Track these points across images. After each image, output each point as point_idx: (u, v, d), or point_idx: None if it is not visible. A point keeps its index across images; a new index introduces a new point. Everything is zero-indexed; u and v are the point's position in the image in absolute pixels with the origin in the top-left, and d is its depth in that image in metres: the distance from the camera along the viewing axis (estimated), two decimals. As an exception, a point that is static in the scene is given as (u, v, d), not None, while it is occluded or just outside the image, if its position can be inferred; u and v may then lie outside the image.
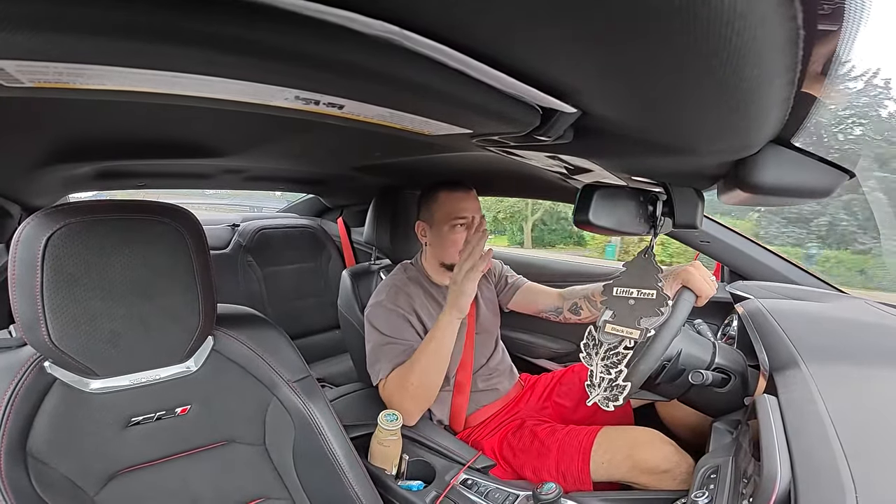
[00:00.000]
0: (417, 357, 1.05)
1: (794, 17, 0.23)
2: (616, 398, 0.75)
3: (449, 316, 1.04)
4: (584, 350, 0.81)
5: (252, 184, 1.87)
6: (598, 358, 0.78)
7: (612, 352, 0.76)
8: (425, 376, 1.04)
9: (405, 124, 0.52)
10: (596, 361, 0.78)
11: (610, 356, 0.76)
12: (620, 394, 0.75)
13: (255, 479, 0.82)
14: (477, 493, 0.93)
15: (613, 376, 0.75)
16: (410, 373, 1.03)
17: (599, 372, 0.77)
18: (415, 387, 1.03)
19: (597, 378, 0.78)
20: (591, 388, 0.79)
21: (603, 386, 0.77)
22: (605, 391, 0.76)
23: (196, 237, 0.72)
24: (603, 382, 0.77)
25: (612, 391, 0.76)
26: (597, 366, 0.78)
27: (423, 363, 1.03)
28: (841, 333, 0.88)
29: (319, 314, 2.22)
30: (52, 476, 0.64)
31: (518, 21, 0.27)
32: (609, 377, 0.76)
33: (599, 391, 0.77)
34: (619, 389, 0.75)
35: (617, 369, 0.75)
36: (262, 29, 0.27)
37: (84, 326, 0.64)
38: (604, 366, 0.77)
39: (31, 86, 0.33)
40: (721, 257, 1.38)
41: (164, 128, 0.89)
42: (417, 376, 1.03)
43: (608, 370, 0.76)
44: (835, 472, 0.49)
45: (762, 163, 0.47)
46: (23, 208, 1.17)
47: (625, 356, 0.75)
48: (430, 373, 1.04)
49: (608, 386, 0.76)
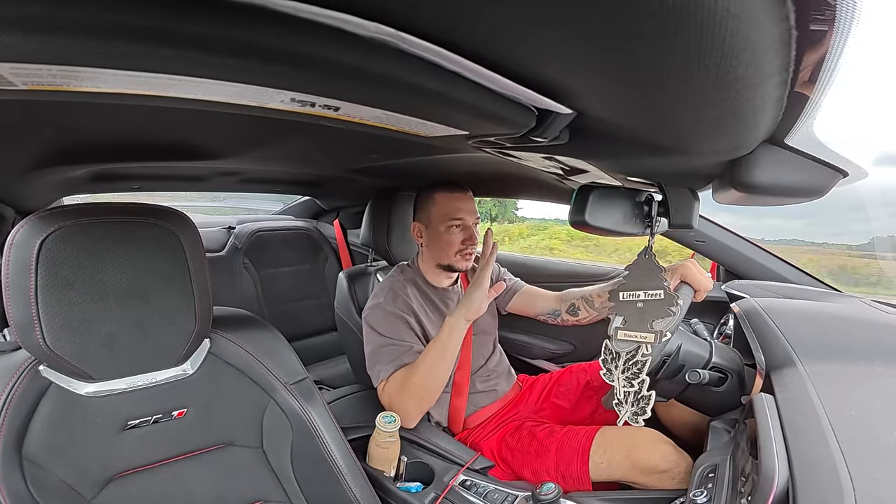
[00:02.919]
0: (423, 359, 1.04)
1: (786, 18, 0.23)
2: (644, 411, 0.74)
3: (456, 318, 1.05)
4: (603, 367, 0.80)
5: (248, 186, 1.87)
6: (619, 371, 0.77)
7: (630, 362, 0.75)
8: (430, 378, 1.03)
9: (401, 126, 0.52)
10: (617, 376, 0.77)
11: (630, 367, 0.75)
12: (647, 405, 0.74)
13: (252, 483, 0.81)
14: (476, 494, 0.93)
15: (637, 388, 0.75)
16: (414, 374, 1.03)
17: (623, 387, 0.76)
18: (418, 388, 1.03)
19: (620, 394, 0.77)
20: (619, 406, 0.77)
21: (629, 401, 0.76)
22: (633, 406, 0.76)
23: (191, 239, 0.72)
24: (629, 397, 0.76)
25: (639, 404, 0.75)
26: (619, 381, 0.77)
27: (427, 364, 1.03)
28: (837, 332, 0.89)
29: (316, 316, 2.21)
30: (49, 480, 0.63)
31: (513, 23, 0.27)
32: (633, 390, 0.75)
33: (628, 407, 0.76)
34: (645, 401, 0.74)
35: (639, 379, 0.74)
36: (258, 31, 0.27)
37: (79, 330, 0.63)
38: (625, 379, 0.76)
39: (25, 88, 0.33)
40: (717, 257, 1.38)
41: (159, 130, 0.88)
42: (422, 377, 1.03)
43: (630, 382, 0.75)
44: (833, 469, 0.50)
45: (756, 162, 0.47)
46: (16, 211, 1.16)
47: (644, 363, 0.74)
48: (435, 374, 1.04)
49: (634, 400, 0.75)
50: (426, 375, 1.03)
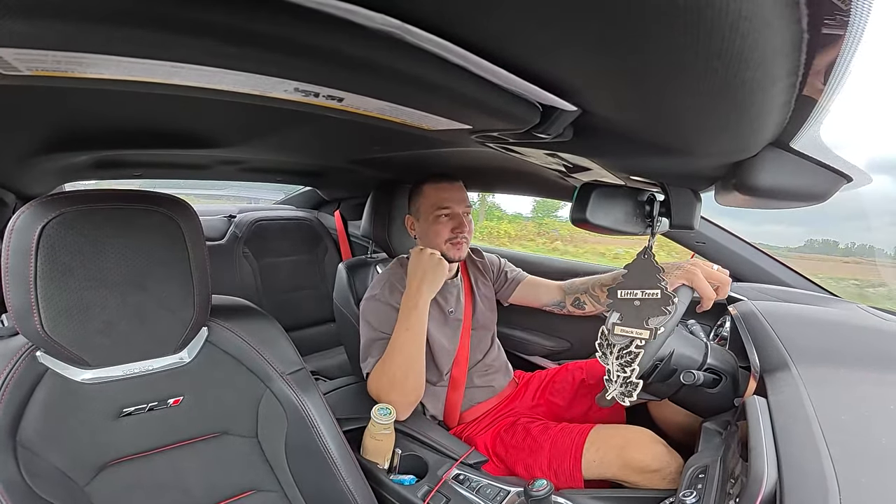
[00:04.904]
0: (392, 347, 1.06)
1: (798, 21, 0.23)
2: (630, 394, 0.79)
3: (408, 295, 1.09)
4: (598, 350, 0.84)
5: (249, 175, 1.86)
6: (613, 357, 0.81)
7: (624, 351, 0.79)
8: (404, 364, 1.05)
9: (404, 118, 0.51)
10: (611, 360, 0.81)
11: (623, 355, 0.79)
12: (634, 390, 0.78)
13: (246, 472, 0.82)
14: (468, 489, 0.94)
15: (628, 374, 0.79)
16: (391, 364, 1.05)
17: (616, 371, 0.80)
18: (397, 379, 1.05)
19: (613, 375, 0.81)
20: (609, 383, 0.82)
21: (619, 382, 0.80)
22: (621, 387, 0.80)
23: (192, 227, 0.72)
24: (619, 379, 0.80)
25: (627, 387, 0.79)
26: (612, 364, 0.81)
27: (398, 351, 1.06)
28: (833, 337, 0.89)
29: (315, 307, 2.21)
30: (42, 466, 0.63)
31: (520, 18, 0.27)
32: (624, 374, 0.79)
33: (616, 387, 0.80)
34: (633, 386, 0.78)
35: (631, 368, 0.78)
36: (263, 20, 0.27)
37: (77, 316, 0.63)
38: (619, 364, 0.80)
39: (30, 74, 0.33)
40: (716, 259, 1.38)
41: (162, 118, 0.88)
42: (399, 367, 1.05)
43: (623, 368, 0.79)
44: (820, 474, 0.50)
45: (761, 165, 0.47)
46: (18, 197, 1.16)
47: (637, 354, 0.78)
48: (406, 359, 1.05)
49: (623, 382, 0.79)
50: (400, 366, 1.05)
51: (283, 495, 0.83)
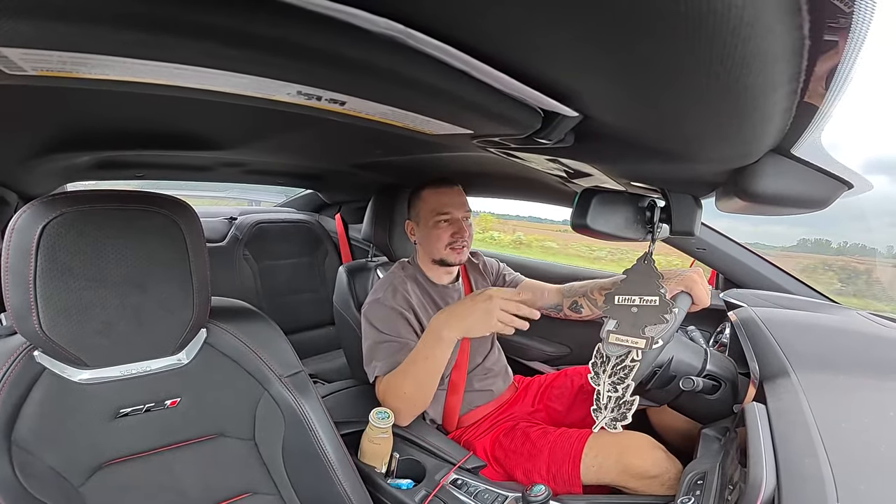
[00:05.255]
0: (410, 366, 1.03)
1: (800, 27, 0.23)
2: (624, 416, 0.75)
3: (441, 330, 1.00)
4: (592, 370, 0.81)
5: (251, 177, 1.87)
6: (606, 376, 0.77)
7: (619, 367, 0.76)
8: (417, 388, 1.04)
9: (406, 122, 0.51)
10: (604, 380, 0.77)
11: (617, 371, 0.76)
12: (628, 411, 0.75)
13: (243, 474, 0.81)
14: (466, 494, 0.93)
15: (620, 393, 0.75)
16: (404, 381, 1.03)
17: (606, 391, 0.77)
18: (407, 396, 1.04)
19: (603, 399, 0.77)
20: (597, 412, 0.78)
21: (610, 406, 0.76)
22: (612, 411, 0.76)
23: (193, 229, 0.72)
24: (610, 402, 0.76)
25: (620, 410, 0.76)
26: (604, 385, 0.77)
27: (414, 373, 1.02)
28: (832, 343, 0.89)
29: (314, 310, 2.21)
30: (37, 466, 0.63)
31: (522, 22, 0.27)
32: (616, 395, 0.76)
33: (606, 413, 0.77)
34: (627, 406, 0.75)
35: (624, 385, 0.75)
36: (266, 22, 0.27)
37: (76, 316, 0.63)
38: (611, 383, 0.76)
39: (34, 74, 0.33)
40: (716, 265, 1.38)
41: (165, 119, 0.88)
42: (411, 386, 1.03)
43: (615, 387, 0.76)
44: (819, 480, 0.50)
45: (761, 172, 0.47)
46: (19, 196, 1.16)
47: (632, 368, 0.75)
48: (423, 385, 1.03)
49: (615, 405, 0.76)
50: (413, 387, 1.03)
51: (280, 498, 0.83)
